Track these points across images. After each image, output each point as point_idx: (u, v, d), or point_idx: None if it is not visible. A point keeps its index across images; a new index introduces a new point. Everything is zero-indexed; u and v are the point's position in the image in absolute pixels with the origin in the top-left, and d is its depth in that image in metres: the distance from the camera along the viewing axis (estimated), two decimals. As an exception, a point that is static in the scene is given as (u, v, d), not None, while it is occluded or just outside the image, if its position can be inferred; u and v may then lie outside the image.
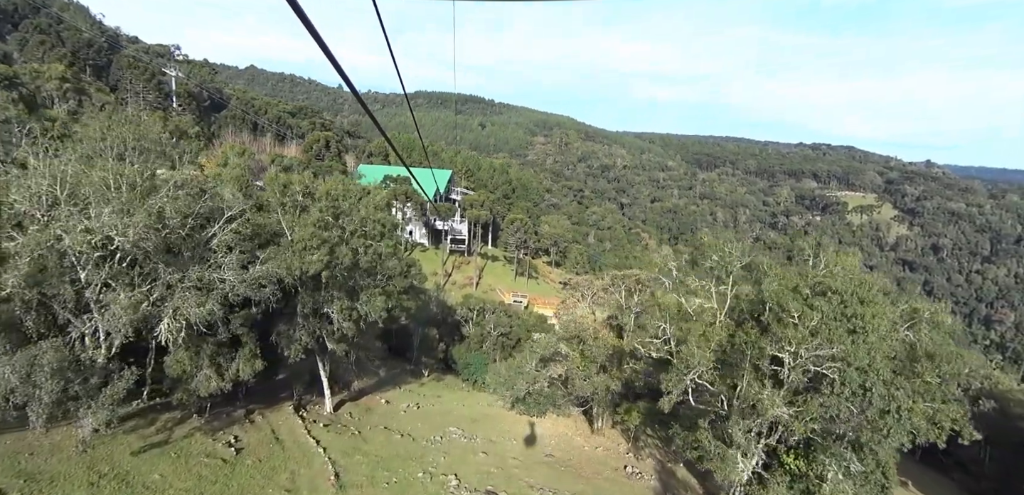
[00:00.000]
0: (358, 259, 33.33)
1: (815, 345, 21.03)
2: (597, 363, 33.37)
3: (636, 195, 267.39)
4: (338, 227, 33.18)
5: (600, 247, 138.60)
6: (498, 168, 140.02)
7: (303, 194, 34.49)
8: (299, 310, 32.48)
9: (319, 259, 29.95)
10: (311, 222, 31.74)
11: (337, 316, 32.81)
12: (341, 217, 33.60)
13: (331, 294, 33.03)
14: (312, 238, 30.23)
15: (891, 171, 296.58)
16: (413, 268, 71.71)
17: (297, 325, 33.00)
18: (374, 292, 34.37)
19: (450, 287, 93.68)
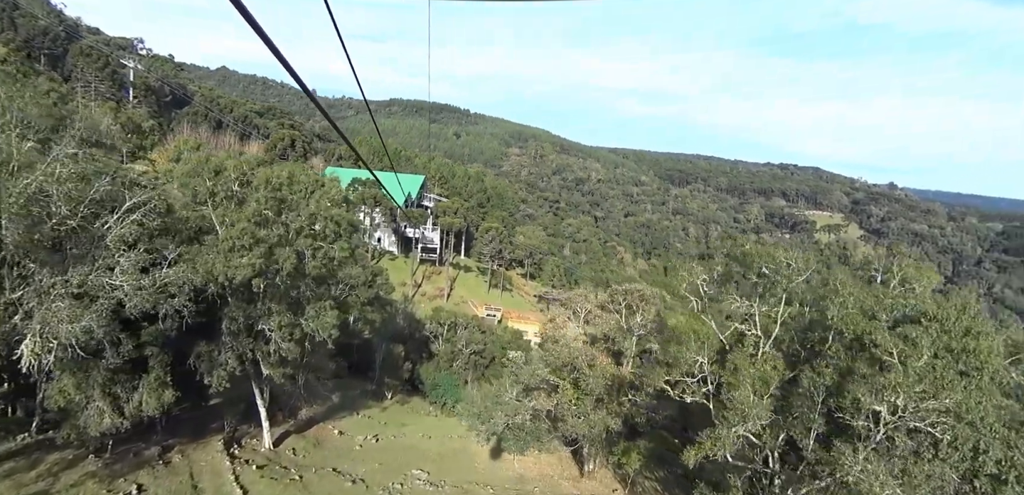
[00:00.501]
0: (304, 264, 26.90)
1: (919, 392, 15.64)
2: (593, 396, 27.63)
3: (610, 209, 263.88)
4: (280, 224, 26.70)
5: (576, 260, 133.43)
6: (473, 176, 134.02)
7: (239, 182, 27.90)
8: (225, 327, 25.83)
9: (250, 263, 23.45)
10: (245, 216, 25.22)
11: (275, 335, 26.25)
12: (285, 212, 27.12)
13: (269, 307, 26.49)
14: (242, 236, 23.72)
15: (857, 192, 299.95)
16: (379, 278, 65.17)
17: (223, 346, 26.33)
18: (324, 305, 27.89)
19: (419, 298, 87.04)
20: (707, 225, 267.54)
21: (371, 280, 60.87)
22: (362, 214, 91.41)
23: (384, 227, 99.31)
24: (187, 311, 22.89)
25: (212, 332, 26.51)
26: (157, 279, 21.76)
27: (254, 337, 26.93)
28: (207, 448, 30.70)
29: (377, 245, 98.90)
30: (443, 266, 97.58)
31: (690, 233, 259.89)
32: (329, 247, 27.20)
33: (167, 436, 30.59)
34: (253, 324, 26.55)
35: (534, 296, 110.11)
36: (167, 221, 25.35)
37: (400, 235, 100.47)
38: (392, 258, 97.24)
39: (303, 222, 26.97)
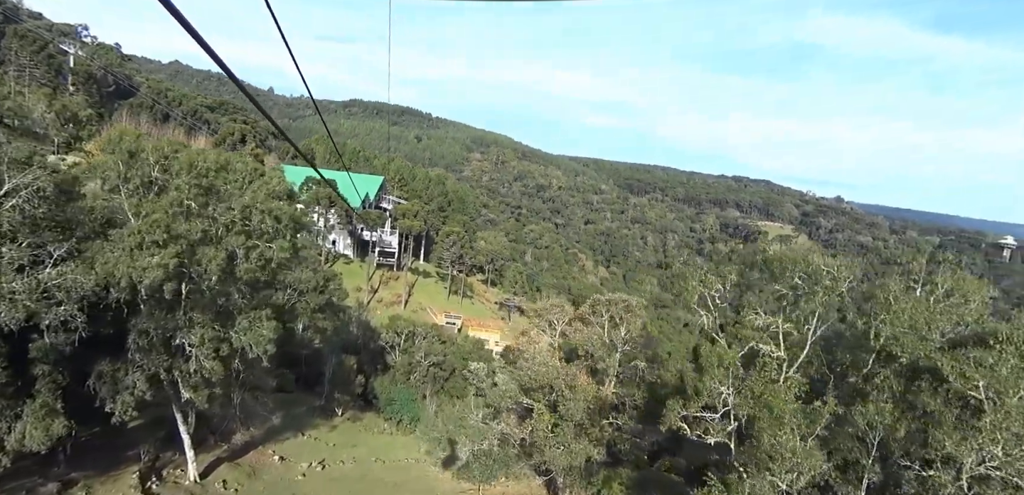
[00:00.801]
0: (235, 266, 22.51)
1: (1017, 436, 12.72)
2: (573, 421, 24.12)
3: (570, 216, 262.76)
4: (206, 217, 22.25)
5: (538, 266, 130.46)
6: (434, 179, 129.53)
7: (160, 166, 23.29)
8: (132, 341, 21.20)
9: (161, 263, 18.99)
10: (161, 207, 20.71)
11: (197, 351, 21.76)
12: (213, 203, 22.68)
13: (190, 317, 21.97)
14: (153, 229, 19.26)
15: (806, 204, 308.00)
16: (332, 283, 60.29)
17: (131, 364, 21.68)
18: (259, 315, 23.50)
19: (376, 305, 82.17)
20: (665, 234, 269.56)
21: (322, 285, 56.11)
22: (316, 215, 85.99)
23: (339, 230, 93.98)
24: (79, 322, 18.30)
25: (122, 347, 21.81)
26: (38, 281, 17.13)
27: (171, 353, 22.32)
28: (119, 482, 25.84)
29: (332, 248, 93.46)
30: (401, 271, 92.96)
31: (648, 242, 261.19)
32: (266, 246, 22.85)
33: (70, 469, 25.59)
34: (170, 338, 21.96)
35: (495, 303, 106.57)
36: (64, 210, 20.59)
37: (356, 238, 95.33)
38: (347, 262, 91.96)
39: (235, 216, 22.56)
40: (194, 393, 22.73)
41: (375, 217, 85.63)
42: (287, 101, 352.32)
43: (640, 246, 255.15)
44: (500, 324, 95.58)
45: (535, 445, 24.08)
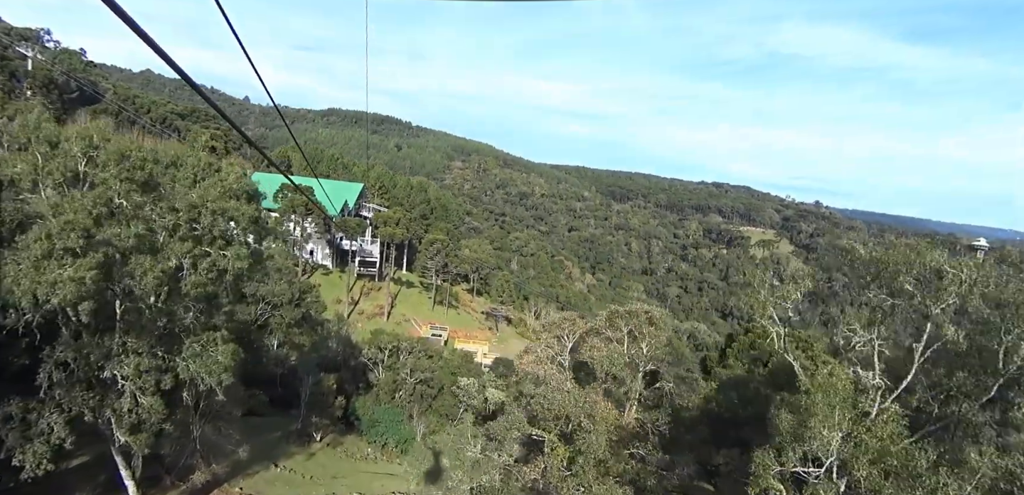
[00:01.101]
0: (181, 279, 18.28)
1: None
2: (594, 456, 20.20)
3: (554, 223, 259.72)
4: (142, 219, 17.98)
5: (524, 274, 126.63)
6: (416, 186, 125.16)
7: (86, 157, 18.96)
8: (43, 376, 16.81)
9: (75, 277, 14.70)
10: (81, 206, 16.40)
11: (130, 385, 17.44)
12: (151, 202, 18.43)
13: (123, 342, 17.64)
14: (65, 234, 15.00)
15: (787, 209, 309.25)
16: (309, 295, 55.77)
17: (47, 402, 17.28)
18: (213, 338, 19.26)
19: (357, 318, 77.54)
20: (649, 240, 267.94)
21: (298, 298, 51.67)
22: (292, 225, 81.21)
23: (317, 239, 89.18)
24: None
25: (25, 386, 17.38)
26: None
27: (100, 389, 17.96)
28: (44, 541, 21.23)
29: (309, 259, 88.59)
30: (383, 281, 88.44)
31: (632, 248, 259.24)
32: (219, 254, 18.64)
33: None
34: (99, 370, 17.61)
35: (482, 313, 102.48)
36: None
37: (335, 247, 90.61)
38: (326, 273, 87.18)
39: (180, 218, 18.33)
40: (131, 436, 18.36)
41: (355, 225, 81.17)
42: (263, 110, 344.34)
43: (625, 252, 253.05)
44: (487, 334, 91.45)
45: (549, 485, 20.17)
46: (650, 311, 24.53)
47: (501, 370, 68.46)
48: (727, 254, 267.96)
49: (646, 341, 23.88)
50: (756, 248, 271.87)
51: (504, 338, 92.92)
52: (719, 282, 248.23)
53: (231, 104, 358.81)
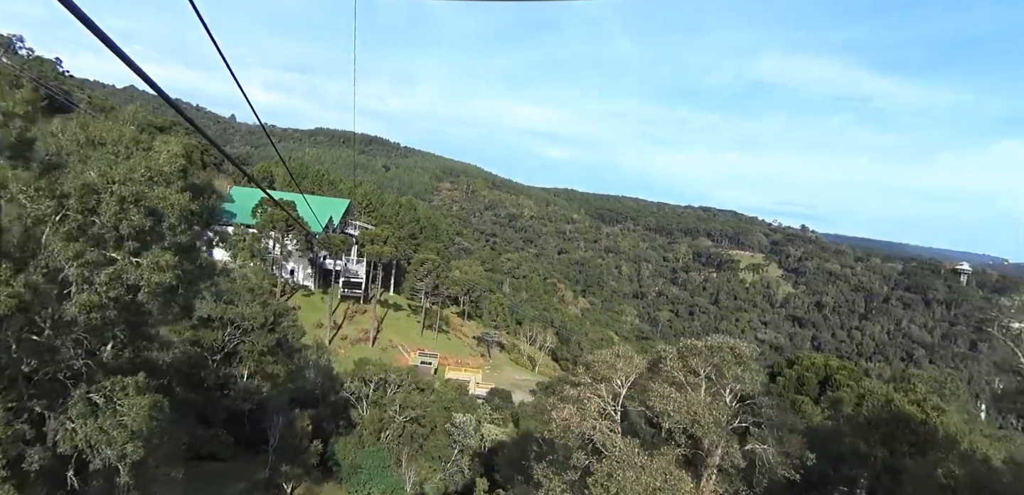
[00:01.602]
0: (68, 297, 12.24)
1: None
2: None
3: (544, 246, 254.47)
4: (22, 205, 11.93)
5: (517, 297, 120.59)
6: (404, 204, 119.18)
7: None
8: None
9: None
10: None
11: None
12: (14, 180, 12.36)
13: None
14: None
15: (775, 233, 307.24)
16: (285, 319, 49.38)
17: None
18: (122, 387, 13.12)
19: (339, 343, 70.94)
20: (639, 263, 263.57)
21: (273, 322, 45.35)
22: (271, 241, 74.78)
23: (299, 258, 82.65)
24: None
25: None
26: None
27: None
28: None
29: (289, 279, 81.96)
30: (369, 304, 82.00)
31: (623, 271, 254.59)
32: (128, 262, 12.59)
33: None
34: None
35: (473, 338, 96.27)
36: None
37: (318, 267, 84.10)
38: (308, 294, 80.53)
39: (67, 208, 12.31)
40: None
41: (339, 242, 74.89)
42: (248, 129, 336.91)
43: (615, 276, 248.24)
44: (480, 362, 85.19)
45: None
46: (733, 345, 18.85)
47: (497, 402, 62.25)
48: (717, 278, 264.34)
49: (729, 387, 18.02)
50: (746, 272, 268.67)
51: (498, 365, 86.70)
52: (710, 306, 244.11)
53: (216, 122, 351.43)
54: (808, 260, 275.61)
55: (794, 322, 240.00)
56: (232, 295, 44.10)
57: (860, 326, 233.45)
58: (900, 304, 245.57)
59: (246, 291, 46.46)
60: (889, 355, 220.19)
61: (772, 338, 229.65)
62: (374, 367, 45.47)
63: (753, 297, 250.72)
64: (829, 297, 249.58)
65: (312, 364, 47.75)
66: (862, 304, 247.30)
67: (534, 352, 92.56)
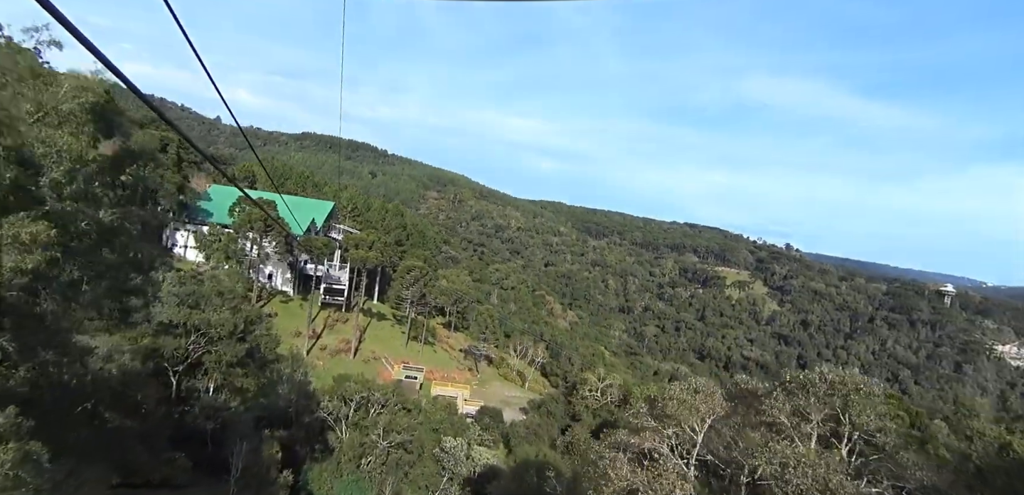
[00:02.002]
0: None
1: None
2: None
3: (531, 257, 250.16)
4: None
5: (504, 308, 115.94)
6: (391, 210, 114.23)
7: None
8: None
9: None
10: None
11: None
12: None
13: None
14: None
15: (760, 251, 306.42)
16: (258, 327, 44.61)
17: None
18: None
19: (318, 354, 65.84)
20: (625, 278, 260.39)
21: (244, 329, 40.49)
22: (248, 243, 69.59)
23: (278, 261, 77.39)
24: None
25: None
26: None
27: None
28: None
29: (267, 284, 76.68)
30: (351, 312, 76.89)
31: (610, 285, 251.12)
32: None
33: None
34: None
35: (460, 351, 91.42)
36: None
37: (298, 272, 78.86)
38: (285, 300, 75.25)
39: None
40: None
41: (322, 246, 69.82)
42: (233, 131, 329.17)
43: (602, 289, 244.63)
44: (467, 376, 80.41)
45: None
46: (856, 378, 14.62)
47: (487, 422, 57.59)
48: (703, 294, 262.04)
49: (845, 437, 13.67)
50: (732, 289, 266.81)
51: (486, 380, 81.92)
52: (696, 322, 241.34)
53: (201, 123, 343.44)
54: (793, 278, 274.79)
55: (780, 340, 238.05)
56: (199, 299, 39.21)
57: (846, 345, 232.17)
58: (885, 324, 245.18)
59: (215, 295, 41.55)
60: (874, 375, 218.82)
61: (758, 356, 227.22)
62: (355, 385, 40.67)
63: (739, 314, 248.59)
64: (814, 316, 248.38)
65: (286, 378, 42.78)
66: (847, 323, 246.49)
67: (523, 367, 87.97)
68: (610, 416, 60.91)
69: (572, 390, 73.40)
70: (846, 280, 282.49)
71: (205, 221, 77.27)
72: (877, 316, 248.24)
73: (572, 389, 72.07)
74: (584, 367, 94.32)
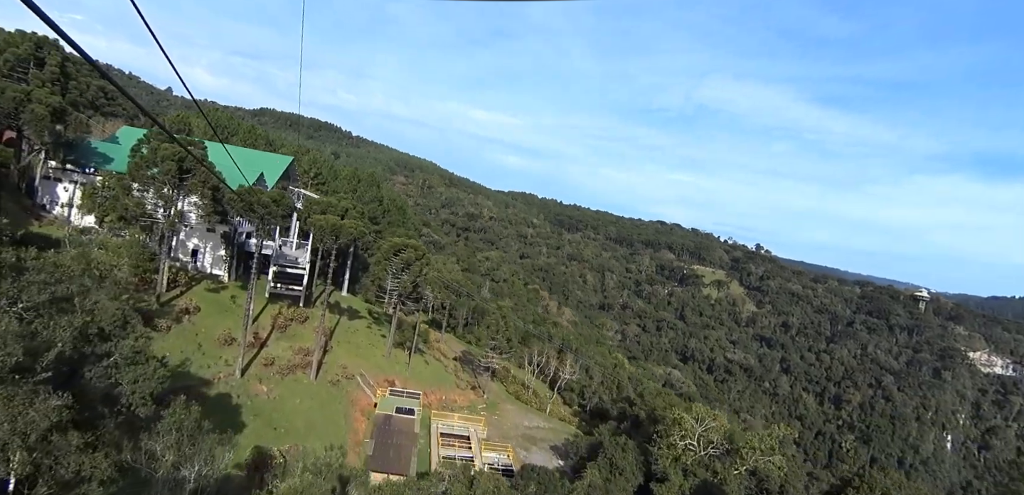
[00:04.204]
0: None
1: None
2: None
3: (506, 248, 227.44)
4: None
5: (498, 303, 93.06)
6: (364, 179, 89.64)
7: None
8: None
9: None
10: None
11: None
12: None
13: None
14: None
15: (735, 251, 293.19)
16: (135, 333, 20.86)
17: None
18: None
19: (261, 372, 41.70)
20: (603, 273, 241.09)
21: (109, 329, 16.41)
22: (156, 199, 44.77)
23: (207, 233, 52.57)
24: None
25: None
26: None
27: None
28: None
29: (192, 262, 52.02)
30: (313, 308, 53.14)
31: (588, 280, 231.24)
32: None
33: None
34: None
35: (454, 358, 68.54)
36: None
37: (237, 248, 53.97)
38: (217, 288, 50.52)
39: None
40: None
41: (272, 203, 44.93)
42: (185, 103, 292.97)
43: (580, 285, 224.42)
44: (472, 398, 57.67)
45: None
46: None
47: (534, 491, 35.18)
48: (682, 293, 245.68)
49: None
50: (710, 288, 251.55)
51: (495, 403, 59.32)
52: (677, 322, 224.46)
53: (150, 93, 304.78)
54: (770, 279, 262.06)
55: (762, 342, 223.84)
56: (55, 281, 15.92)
57: (828, 349, 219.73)
58: (864, 328, 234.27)
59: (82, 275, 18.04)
60: (858, 381, 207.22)
61: (741, 359, 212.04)
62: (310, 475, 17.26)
63: (719, 314, 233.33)
64: (795, 318, 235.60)
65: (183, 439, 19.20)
66: (827, 326, 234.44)
67: (535, 383, 65.78)
68: (712, 475, 39.39)
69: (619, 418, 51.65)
70: (820, 282, 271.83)
71: (99, 169, 51.73)
72: (855, 320, 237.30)
73: (630, 424, 50.20)
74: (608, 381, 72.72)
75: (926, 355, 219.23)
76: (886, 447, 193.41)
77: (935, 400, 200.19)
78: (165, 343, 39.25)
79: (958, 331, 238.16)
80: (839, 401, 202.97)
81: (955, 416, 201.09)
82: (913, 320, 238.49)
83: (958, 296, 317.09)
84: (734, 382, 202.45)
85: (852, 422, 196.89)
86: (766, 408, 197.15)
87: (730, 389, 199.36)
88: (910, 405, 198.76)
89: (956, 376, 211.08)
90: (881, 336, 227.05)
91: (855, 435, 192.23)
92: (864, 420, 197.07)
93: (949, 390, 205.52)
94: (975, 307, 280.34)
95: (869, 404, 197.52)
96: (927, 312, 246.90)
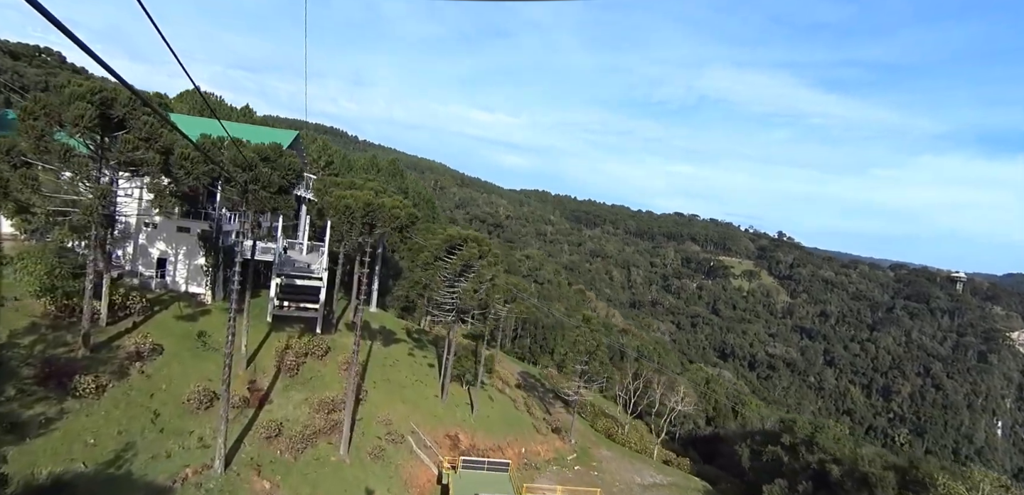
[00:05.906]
0: None
1: None
2: None
3: (525, 247, 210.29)
4: None
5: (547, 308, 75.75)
6: (383, 168, 72.66)
7: None
8: None
9: None
10: None
11: None
12: None
13: None
14: None
15: (761, 240, 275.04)
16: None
17: None
18: None
19: (261, 450, 23.66)
20: (628, 269, 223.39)
21: None
22: (62, 171, 26.94)
23: (178, 232, 35.36)
24: None
25: None
26: None
27: None
28: None
29: (156, 279, 34.75)
30: (336, 333, 36.04)
31: (615, 277, 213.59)
32: None
33: None
34: None
35: (516, 386, 51.62)
36: None
37: (223, 252, 36.62)
38: (194, 314, 33.17)
39: None
40: None
41: (265, 161, 27.55)
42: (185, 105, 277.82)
43: (608, 282, 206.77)
44: (557, 447, 40.55)
45: None
46: None
47: None
48: (712, 285, 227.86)
49: None
50: (741, 279, 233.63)
51: (584, 450, 42.10)
52: (711, 316, 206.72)
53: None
54: (801, 266, 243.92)
55: (802, 333, 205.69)
56: None
57: (871, 338, 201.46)
58: (905, 313, 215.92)
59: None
60: (906, 370, 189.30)
61: (783, 353, 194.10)
62: None
63: (754, 306, 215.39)
64: (832, 306, 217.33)
65: None
66: (868, 314, 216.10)
67: (618, 412, 48.65)
68: None
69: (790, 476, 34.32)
70: (851, 267, 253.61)
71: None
72: (895, 305, 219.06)
73: (811, 483, 32.88)
74: (703, 403, 55.43)
75: (971, 338, 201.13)
76: (940, 438, 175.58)
77: (985, 385, 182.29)
78: (92, 418, 22.17)
79: (996, 311, 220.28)
80: (888, 392, 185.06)
81: (1004, 400, 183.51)
82: (954, 303, 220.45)
83: (984, 276, 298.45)
84: (778, 378, 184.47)
85: (903, 414, 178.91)
86: (813, 404, 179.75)
87: (775, 386, 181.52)
88: (961, 392, 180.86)
89: (1002, 359, 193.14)
90: (924, 321, 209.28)
91: (908, 428, 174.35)
92: (915, 411, 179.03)
93: (996, 374, 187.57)
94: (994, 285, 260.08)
95: (919, 394, 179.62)
96: (965, 293, 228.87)
